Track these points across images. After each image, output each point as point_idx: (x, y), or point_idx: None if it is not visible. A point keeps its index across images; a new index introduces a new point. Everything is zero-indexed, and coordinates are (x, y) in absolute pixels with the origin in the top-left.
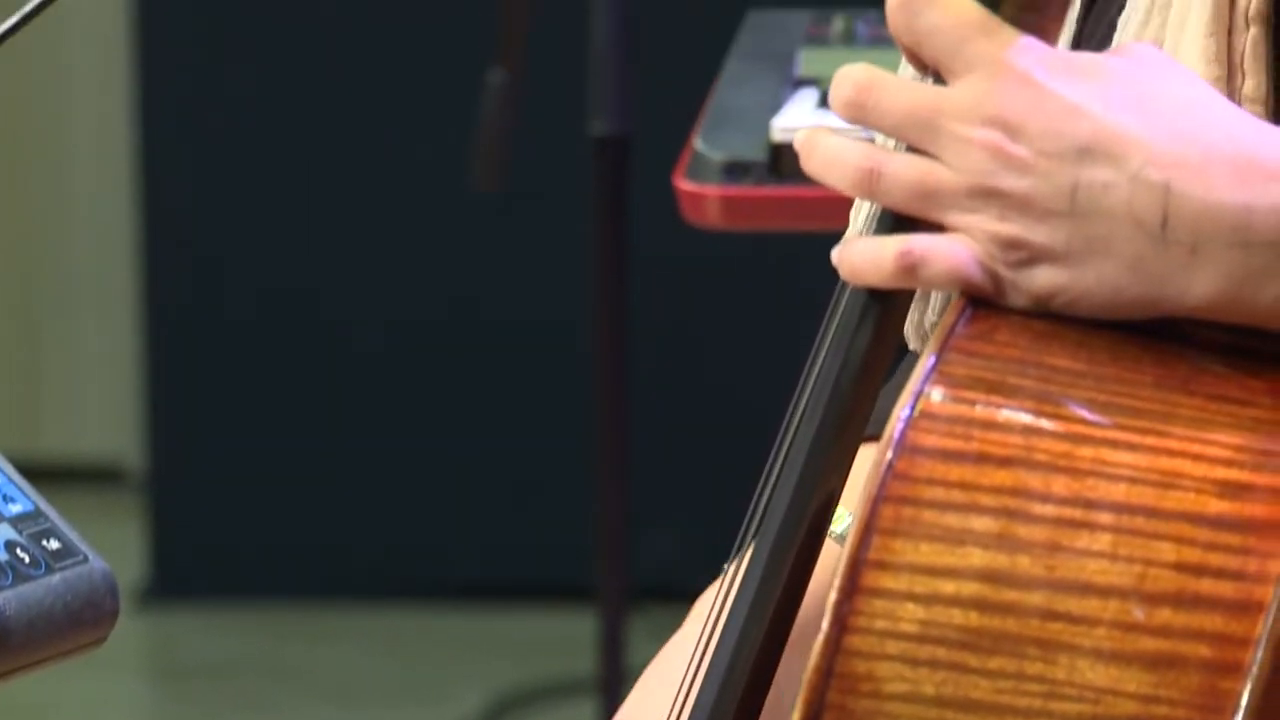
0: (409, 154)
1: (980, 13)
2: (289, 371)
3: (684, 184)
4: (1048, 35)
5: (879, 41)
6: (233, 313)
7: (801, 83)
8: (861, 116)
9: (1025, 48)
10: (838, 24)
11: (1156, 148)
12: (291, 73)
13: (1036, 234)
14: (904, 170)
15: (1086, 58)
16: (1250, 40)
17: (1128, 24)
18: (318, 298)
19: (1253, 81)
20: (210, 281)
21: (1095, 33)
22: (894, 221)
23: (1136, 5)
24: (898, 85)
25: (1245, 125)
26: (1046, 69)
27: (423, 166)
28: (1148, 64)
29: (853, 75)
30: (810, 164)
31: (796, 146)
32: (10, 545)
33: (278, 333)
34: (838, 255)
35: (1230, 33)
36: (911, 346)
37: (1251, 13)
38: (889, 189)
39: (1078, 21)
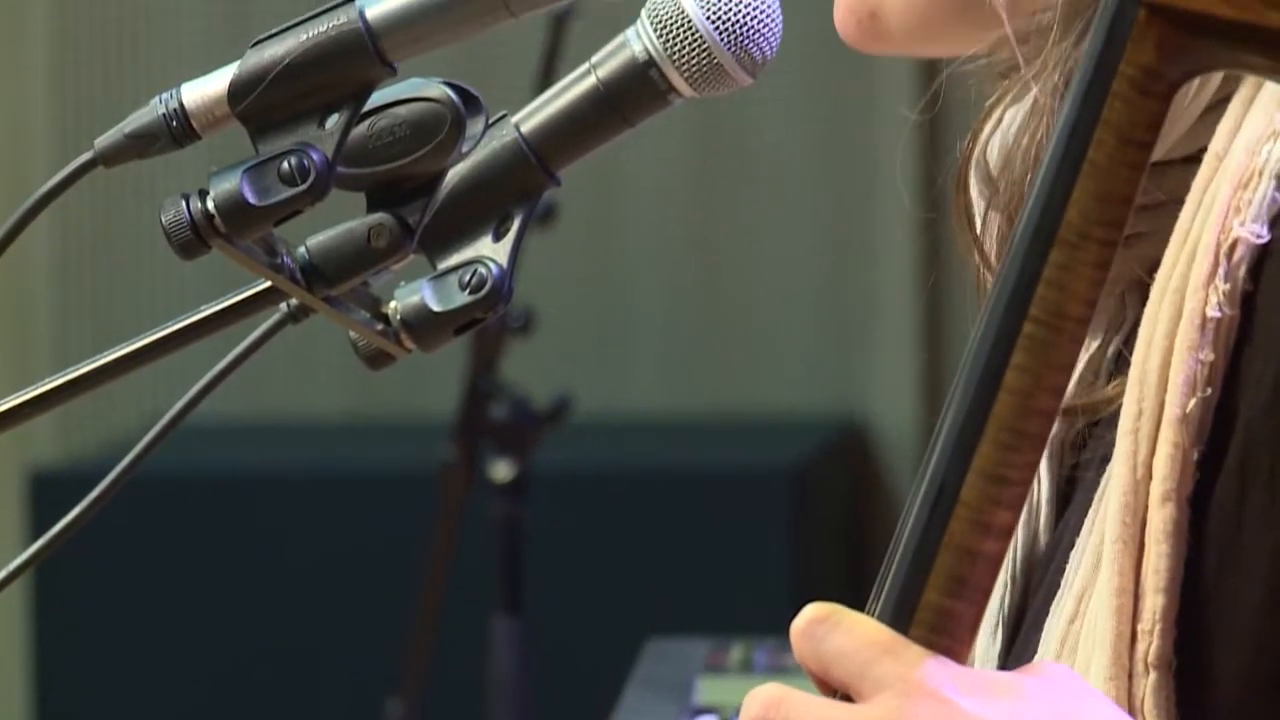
0: None
1: (887, 634)
2: None
3: None
4: (959, 656)
5: (777, 670)
6: None
7: (700, 711)
8: None
9: (936, 666)
10: (736, 652)
11: None
12: (191, 692)
13: None
14: None
15: (1000, 676)
16: (1150, 685)
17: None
18: None
19: None
20: None
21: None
22: None
23: (1048, 646)
24: (807, 702)
25: None
26: (958, 687)
27: None
28: (1060, 684)
29: (762, 694)
30: None
31: None
32: None
33: None
34: None
35: (1130, 677)
36: None
37: (1151, 658)
38: None
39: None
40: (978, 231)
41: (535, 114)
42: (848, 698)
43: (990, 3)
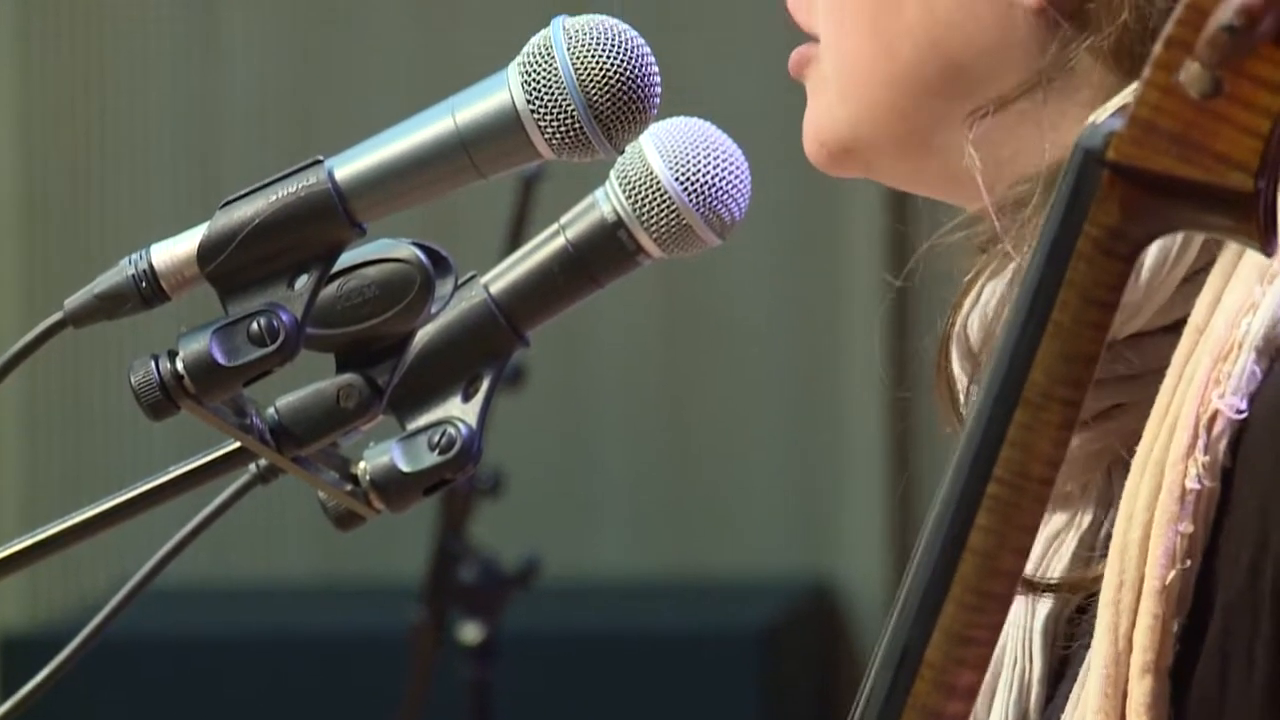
0: None
1: None
2: None
3: None
4: None
5: None
6: None
7: None
8: None
9: None
10: None
11: None
12: None
13: None
14: None
15: None
16: None
17: None
18: None
19: None
20: None
21: None
22: None
23: None
24: None
25: None
26: None
27: None
28: None
29: None
30: None
31: None
32: None
33: None
34: None
35: None
36: None
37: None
38: None
39: None
40: (960, 408)
41: (504, 275)
42: None
43: (970, 175)
